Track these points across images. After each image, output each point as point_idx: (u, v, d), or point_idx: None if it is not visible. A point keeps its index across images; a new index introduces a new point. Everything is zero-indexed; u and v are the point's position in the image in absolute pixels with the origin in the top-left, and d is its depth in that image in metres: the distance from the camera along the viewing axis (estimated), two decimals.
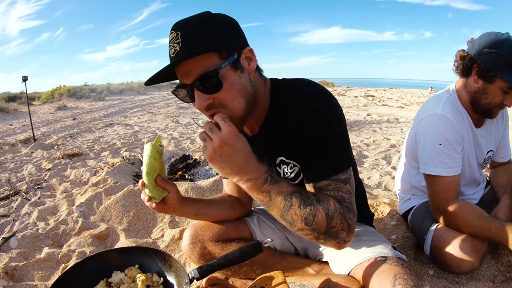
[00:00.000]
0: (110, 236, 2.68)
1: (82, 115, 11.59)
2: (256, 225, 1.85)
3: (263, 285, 1.30)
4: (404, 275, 1.31)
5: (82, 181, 3.97)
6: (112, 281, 1.39)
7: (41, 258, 2.31)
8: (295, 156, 1.43)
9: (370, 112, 9.77)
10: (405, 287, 1.25)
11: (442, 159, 1.91)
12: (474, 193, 2.33)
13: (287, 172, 1.50)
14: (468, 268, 1.87)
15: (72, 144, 6.45)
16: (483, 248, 1.89)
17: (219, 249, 1.71)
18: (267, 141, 1.45)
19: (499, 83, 1.82)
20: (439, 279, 1.94)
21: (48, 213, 3.11)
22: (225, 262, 1.33)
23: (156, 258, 1.46)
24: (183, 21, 1.20)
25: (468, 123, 2.03)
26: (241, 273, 1.76)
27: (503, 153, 2.35)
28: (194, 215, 1.67)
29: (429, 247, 1.99)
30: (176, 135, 6.90)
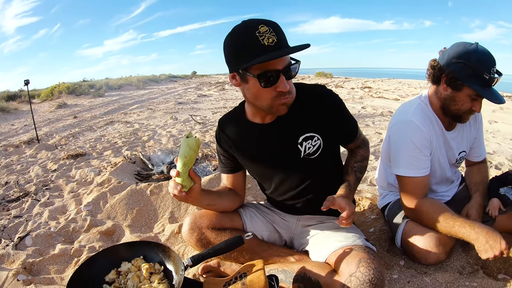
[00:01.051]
0: (116, 232, 2.88)
1: (82, 113, 11.58)
2: (248, 218, 2.08)
3: (245, 271, 1.54)
4: (367, 259, 1.58)
5: (87, 181, 4.13)
6: (121, 270, 1.61)
7: (55, 254, 2.49)
8: (320, 129, 1.79)
9: (365, 105, 9.81)
10: (367, 269, 1.53)
11: (411, 162, 2.04)
12: (447, 190, 2.45)
13: (309, 147, 1.79)
14: (434, 260, 2.01)
15: (75, 144, 6.53)
16: (450, 242, 2.02)
17: (215, 235, 1.94)
18: (288, 125, 1.78)
19: (467, 91, 1.93)
20: (408, 269, 2.08)
21: (58, 212, 3.29)
22: (213, 252, 1.56)
23: (158, 250, 1.68)
24: (265, 20, 1.51)
25: (439, 127, 2.15)
26: (232, 257, 2.01)
27: (477, 153, 2.42)
28: (206, 205, 1.92)
29: (400, 240, 2.13)
30: (174, 132, 6.99)
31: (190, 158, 1.53)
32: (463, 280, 1.91)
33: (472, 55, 1.88)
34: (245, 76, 1.55)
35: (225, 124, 1.99)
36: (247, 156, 1.94)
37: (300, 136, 1.78)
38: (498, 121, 7.13)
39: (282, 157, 1.84)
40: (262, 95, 1.57)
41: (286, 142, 1.80)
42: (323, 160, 1.85)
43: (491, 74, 1.86)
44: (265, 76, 1.49)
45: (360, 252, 1.65)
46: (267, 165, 1.91)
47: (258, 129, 1.83)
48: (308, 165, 1.82)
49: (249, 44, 1.46)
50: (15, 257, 2.46)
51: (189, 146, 1.51)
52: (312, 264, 1.79)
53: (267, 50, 1.44)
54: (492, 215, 2.21)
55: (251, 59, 1.45)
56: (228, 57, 1.59)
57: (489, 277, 1.97)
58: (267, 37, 1.44)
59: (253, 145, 1.88)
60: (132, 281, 1.54)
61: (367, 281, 1.51)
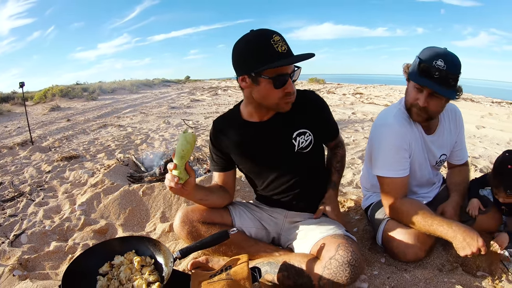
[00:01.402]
0: (109, 230, 2.95)
1: (75, 116, 11.57)
2: (237, 215, 2.19)
3: (230, 264, 1.64)
4: (345, 244, 1.74)
5: (81, 182, 4.19)
6: (114, 263, 1.70)
7: (50, 251, 2.55)
8: (311, 125, 2.05)
9: (355, 111, 9.90)
10: (345, 252, 1.68)
11: (390, 163, 2.13)
12: (428, 192, 2.54)
13: (302, 141, 2.01)
14: (412, 257, 2.11)
15: (69, 146, 6.57)
16: (428, 240, 2.11)
17: (205, 229, 2.04)
18: (284, 121, 2.00)
19: (412, 82, 2.06)
20: (389, 266, 2.16)
21: (53, 212, 3.35)
22: (200, 245, 1.66)
23: (149, 244, 1.78)
24: (273, 30, 1.74)
25: (418, 131, 2.23)
26: (220, 251, 2.12)
27: (459, 156, 2.50)
28: (199, 199, 2.05)
29: (381, 237, 2.23)
30: (167, 136, 7.06)
31: (187, 151, 1.65)
32: (442, 277, 1.97)
33: (423, 51, 2.01)
34: (257, 79, 1.74)
35: (221, 124, 2.13)
36: (245, 153, 2.07)
37: (294, 131, 1.99)
38: (486, 127, 7.26)
39: (278, 150, 2.01)
40: (272, 95, 1.78)
41: (282, 137, 1.99)
42: (314, 155, 2.06)
43: (431, 64, 1.92)
44: (279, 78, 1.72)
45: (338, 239, 1.80)
46: (264, 159, 2.06)
47: (255, 126, 2.01)
48: (301, 159, 2.02)
49: (265, 50, 1.67)
50: (10, 254, 2.52)
51: (186, 140, 1.63)
52: (296, 254, 1.93)
53: (282, 56, 1.68)
54: (472, 215, 2.29)
55: (267, 63, 1.67)
56: (240, 61, 1.78)
57: (468, 274, 2.05)
58: (280, 45, 1.68)
59: (250, 142, 2.03)
60: (124, 273, 1.63)
61: (346, 263, 1.66)
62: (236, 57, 1.80)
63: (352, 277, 1.66)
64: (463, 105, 10.98)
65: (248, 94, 1.88)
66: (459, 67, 1.96)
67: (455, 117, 2.37)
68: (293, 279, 1.80)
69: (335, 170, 2.28)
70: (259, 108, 1.96)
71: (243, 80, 1.80)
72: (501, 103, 12.34)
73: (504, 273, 2.04)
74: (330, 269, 1.67)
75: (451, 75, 1.92)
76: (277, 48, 1.67)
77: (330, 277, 1.67)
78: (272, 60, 1.67)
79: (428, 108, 2.04)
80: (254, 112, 2.00)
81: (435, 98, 2.01)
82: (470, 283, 1.91)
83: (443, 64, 1.91)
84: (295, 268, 1.80)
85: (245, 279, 1.51)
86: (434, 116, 2.13)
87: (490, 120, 8.04)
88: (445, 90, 1.95)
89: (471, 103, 11.86)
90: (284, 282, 1.83)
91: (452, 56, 1.95)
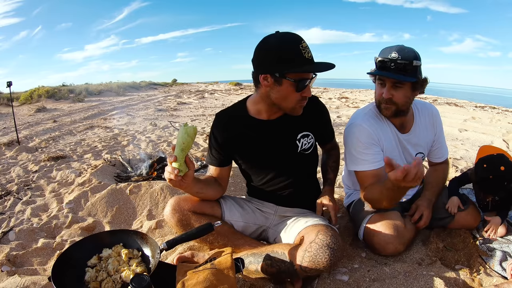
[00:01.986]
0: (96, 228, 2.99)
1: (62, 117, 11.46)
2: (227, 208, 2.28)
3: (215, 256, 1.72)
4: (325, 230, 1.85)
5: (68, 181, 4.19)
6: (103, 255, 1.75)
7: (38, 247, 2.57)
8: (313, 129, 2.19)
9: (340, 115, 10.00)
10: (324, 235, 1.80)
11: (360, 158, 2.25)
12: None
13: (305, 143, 2.14)
14: (392, 251, 2.19)
15: (55, 147, 6.54)
16: (407, 234, 2.21)
17: (195, 218, 2.13)
18: (291, 122, 2.10)
19: (376, 80, 2.26)
20: (369, 260, 2.25)
21: (40, 210, 3.37)
22: (185, 237, 1.74)
23: (136, 237, 1.83)
24: (301, 37, 1.83)
25: (391, 129, 2.34)
26: (208, 241, 2.20)
27: (437, 154, 2.59)
28: (196, 192, 2.13)
29: (362, 233, 2.31)
30: (154, 138, 7.07)
31: (187, 144, 1.71)
32: (421, 270, 2.04)
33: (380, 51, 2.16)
34: (281, 80, 1.83)
35: (226, 118, 2.20)
36: (249, 149, 2.15)
37: (299, 133, 2.10)
38: (468, 130, 7.40)
39: (282, 150, 2.11)
40: (291, 97, 1.89)
41: (287, 137, 2.10)
42: (313, 157, 2.20)
43: (386, 57, 2.10)
44: (301, 82, 1.83)
45: (319, 226, 1.91)
46: (266, 157, 2.15)
47: (263, 124, 2.10)
48: (302, 160, 2.14)
49: (295, 54, 1.78)
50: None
51: (187, 133, 1.69)
52: (279, 245, 2.03)
53: (308, 62, 1.81)
54: (452, 212, 2.38)
55: (296, 67, 1.79)
56: (267, 60, 1.86)
57: (447, 268, 2.12)
58: (307, 52, 1.80)
59: (256, 138, 2.11)
60: (112, 265, 1.69)
61: (325, 245, 1.76)
62: (263, 56, 1.87)
63: (332, 259, 1.75)
64: (447, 109, 11.15)
65: (265, 92, 1.94)
66: (413, 55, 2.07)
67: (431, 116, 2.46)
68: (276, 266, 1.87)
69: (330, 169, 2.41)
70: (270, 108, 2.04)
71: (265, 78, 1.87)
72: (484, 107, 12.53)
73: (482, 266, 2.12)
74: (311, 251, 1.77)
75: (406, 63, 2.03)
76: (305, 54, 1.78)
77: (311, 259, 1.76)
78: (300, 65, 1.79)
79: (393, 99, 2.15)
80: (264, 110, 2.08)
81: (399, 89, 2.12)
82: (448, 276, 1.97)
83: (397, 55, 2.04)
84: (278, 255, 1.89)
85: (228, 268, 1.58)
86: (403, 107, 2.21)
87: (473, 124, 8.17)
88: (404, 77, 2.06)
89: (455, 107, 12.01)
90: (268, 271, 1.90)
91: (405, 48, 2.09)
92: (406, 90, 2.13)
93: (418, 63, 2.07)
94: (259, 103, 2.07)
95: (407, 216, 2.40)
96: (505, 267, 2.05)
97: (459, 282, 1.94)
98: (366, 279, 2.01)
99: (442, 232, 2.51)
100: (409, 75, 2.06)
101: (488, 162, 2.24)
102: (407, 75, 2.05)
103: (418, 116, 2.41)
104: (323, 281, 1.98)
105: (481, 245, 2.29)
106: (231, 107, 2.24)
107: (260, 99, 2.04)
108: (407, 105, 2.24)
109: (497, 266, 2.09)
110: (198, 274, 1.51)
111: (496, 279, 1.99)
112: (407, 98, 2.18)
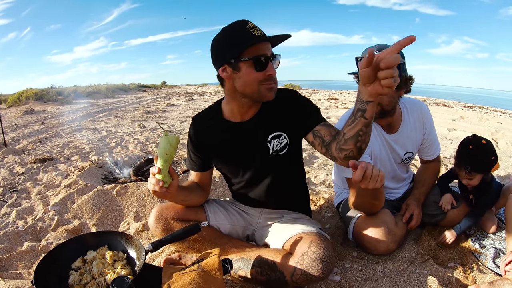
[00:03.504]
0: (82, 230, 2.95)
1: (50, 120, 11.37)
2: (211, 212, 2.23)
3: (202, 257, 1.68)
4: (318, 240, 1.79)
5: (54, 183, 4.16)
6: (87, 258, 1.72)
7: (23, 251, 2.53)
8: (286, 127, 2.00)
9: (329, 115, 9.99)
10: (317, 248, 1.74)
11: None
12: (398, 187, 2.64)
13: (277, 144, 2.00)
14: (384, 249, 2.17)
15: (42, 149, 6.48)
16: (398, 232, 2.19)
17: (179, 226, 2.06)
18: (261, 124, 1.98)
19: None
20: (361, 260, 2.24)
21: (26, 212, 3.32)
22: (171, 238, 1.70)
23: (121, 239, 1.79)
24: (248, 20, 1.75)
25: (378, 131, 2.32)
26: (195, 248, 2.15)
27: (428, 152, 2.58)
28: (181, 200, 2.09)
29: (352, 232, 2.29)
30: (142, 139, 7.03)
31: (170, 155, 1.66)
32: (414, 268, 2.03)
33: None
34: (237, 65, 1.76)
35: (202, 123, 2.14)
36: (223, 153, 2.10)
37: (270, 134, 1.99)
38: (457, 129, 7.45)
39: (253, 153, 2.03)
40: (254, 79, 1.77)
41: (257, 140, 2.01)
42: (289, 157, 2.06)
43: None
44: (259, 59, 1.73)
45: (312, 236, 1.85)
46: (240, 161, 2.09)
47: (235, 127, 2.02)
48: (276, 161, 2.03)
49: (244, 36, 1.71)
50: None
51: (169, 143, 1.65)
52: (269, 250, 1.98)
53: (259, 39, 1.71)
54: (445, 209, 2.38)
55: (246, 45, 1.70)
56: (218, 52, 1.81)
57: (440, 266, 2.10)
58: (256, 30, 1.72)
59: (230, 142, 2.05)
60: (96, 268, 1.65)
61: (318, 258, 1.72)
62: (214, 50, 1.83)
63: (324, 272, 1.72)
64: (436, 109, 11.23)
65: (230, 87, 1.88)
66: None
67: (420, 114, 2.43)
68: (266, 275, 1.84)
69: None
70: (241, 104, 1.95)
71: (224, 70, 1.81)
72: (473, 107, 12.65)
73: (475, 263, 2.12)
74: (303, 264, 1.73)
75: None
76: (253, 32, 1.71)
77: (303, 273, 1.73)
78: (250, 42, 1.71)
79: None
80: (237, 110, 2.00)
81: None
82: (442, 274, 1.96)
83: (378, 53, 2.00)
84: (268, 264, 1.85)
85: (216, 270, 1.55)
86: (387, 107, 2.18)
87: (462, 123, 8.24)
88: None
89: (443, 108, 12.10)
90: (257, 278, 1.88)
91: (386, 46, 2.03)
92: None
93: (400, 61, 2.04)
94: (229, 102, 2.00)
95: (398, 215, 2.39)
96: (498, 263, 2.04)
97: (453, 280, 1.93)
98: (358, 278, 2.00)
99: (434, 230, 2.51)
100: None
101: (471, 137, 2.31)
102: None
103: (407, 114, 2.39)
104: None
105: (473, 242, 2.29)
106: (207, 110, 2.18)
107: (230, 98, 1.97)
108: (392, 105, 2.19)
109: (490, 263, 2.09)
110: (184, 276, 1.48)
111: (490, 276, 1.98)
112: (391, 97, 2.14)
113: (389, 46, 2.07)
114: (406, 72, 2.13)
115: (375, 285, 1.89)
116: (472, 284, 1.90)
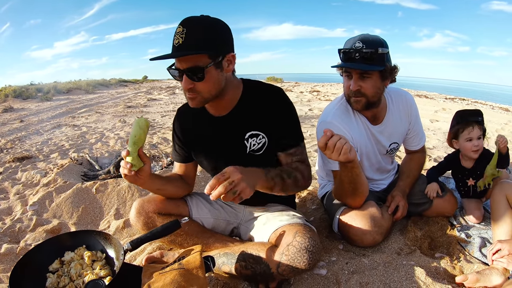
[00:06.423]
0: (62, 230, 2.88)
1: (29, 117, 11.18)
2: (194, 205, 2.18)
3: (184, 255, 1.64)
4: (303, 231, 1.75)
5: (33, 182, 4.08)
6: (65, 259, 1.66)
7: (1, 253, 2.46)
8: (265, 128, 1.89)
9: (312, 107, 10.06)
10: (303, 238, 1.70)
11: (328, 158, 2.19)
12: (383, 178, 2.62)
13: (254, 144, 1.92)
14: (370, 242, 2.15)
15: (21, 147, 6.38)
16: (384, 224, 2.17)
17: (161, 220, 2.01)
18: (238, 120, 1.90)
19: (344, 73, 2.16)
20: (347, 252, 2.22)
21: (4, 213, 3.25)
22: (150, 236, 1.64)
23: (100, 238, 1.74)
24: (191, 19, 1.62)
25: (362, 122, 2.29)
26: (177, 243, 2.11)
27: (413, 142, 2.56)
28: (156, 189, 2.02)
29: (337, 225, 2.26)
30: (122, 135, 6.98)
31: (139, 137, 1.63)
32: (401, 260, 2.03)
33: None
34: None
35: (185, 114, 2.10)
36: (201, 145, 2.05)
37: (247, 132, 1.91)
38: (439, 120, 7.56)
39: (230, 150, 1.97)
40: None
41: (234, 137, 1.94)
42: (267, 158, 1.97)
43: (350, 48, 2.01)
44: (171, 71, 1.70)
45: (297, 226, 1.81)
46: (218, 157, 2.03)
47: (214, 121, 1.96)
48: (253, 161, 1.92)
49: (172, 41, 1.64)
50: None
51: (139, 126, 1.62)
52: (253, 243, 1.94)
53: (172, 49, 1.63)
54: (430, 196, 2.39)
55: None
56: (230, 39, 1.76)
57: (427, 256, 2.10)
58: (176, 38, 1.62)
59: (207, 137, 2.00)
60: (75, 269, 1.60)
61: (303, 248, 1.68)
62: (227, 34, 1.77)
63: (311, 263, 1.69)
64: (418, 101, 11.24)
65: None
66: (379, 43, 2.02)
67: (405, 105, 2.41)
68: (251, 268, 1.80)
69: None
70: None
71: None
72: (454, 99, 12.81)
73: (462, 253, 2.12)
74: (288, 255, 1.69)
75: (372, 51, 1.98)
76: (173, 41, 1.63)
77: (288, 263, 1.69)
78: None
79: (362, 91, 2.09)
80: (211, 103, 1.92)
81: (366, 79, 2.07)
82: (429, 265, 1.96)
83: (361, 45, 1.99)
84: (253, 257, 1.81)
85: (197, 268, 1.50)
86: (373, 99, 2.15)
87: (444, 115, 8.34)
88: (369, 66, 2.01)
89: (425, 99, 12.24)
90: (242, 272, 1.83)
91: (370, 36, 2.04)
92: (374, 80, 2.07)
93: (384, 50, 2.02)
94: None
95: (383, 206, 2.38)
96: (485, 253, 2.05)
97: (440, 270, 1.93)
98: (345, 271, 1.98)
99: (420, 220, 2.51)
100: (376, 63, 2.01)
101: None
102: (374, 63, 2.00)
103: (392, 105, 2.37)
104: (300, 276, 1.93)
105: (459, 232, 2.30)
106: None
107: None
108: (378, 96, 2.16)
109: (477, 252, 2.10)
110: (165, 275, 1.44)
111: (477, 265, 1.98)
112: (377, 88, 2.11)
113: (372, 36, 2.06)
114: (390, 62, 2.11)
115: (362, 277, 1.87)
116: (459, 274, 1.90)
